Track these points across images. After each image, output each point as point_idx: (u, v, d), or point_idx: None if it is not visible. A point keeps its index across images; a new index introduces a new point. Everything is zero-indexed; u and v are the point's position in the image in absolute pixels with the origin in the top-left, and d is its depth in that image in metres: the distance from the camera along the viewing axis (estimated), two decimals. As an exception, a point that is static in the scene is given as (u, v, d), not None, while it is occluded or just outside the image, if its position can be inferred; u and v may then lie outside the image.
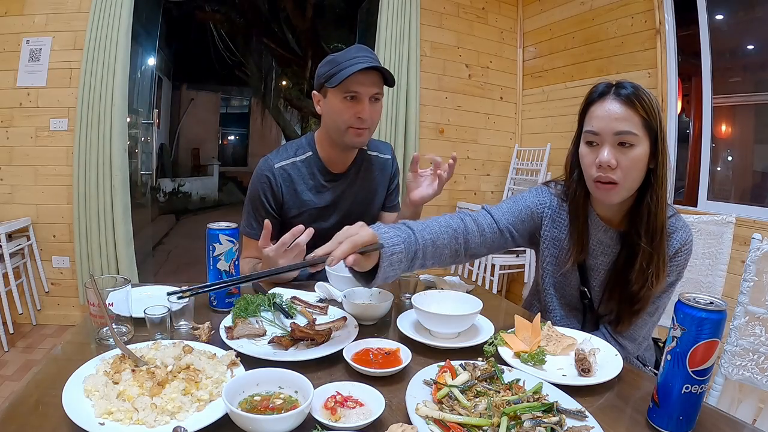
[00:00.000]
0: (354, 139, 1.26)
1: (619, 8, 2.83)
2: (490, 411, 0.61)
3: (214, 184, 8.57)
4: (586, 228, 1.03)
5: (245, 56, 7.52)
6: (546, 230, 1.09)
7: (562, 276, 1.10)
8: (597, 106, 0.94)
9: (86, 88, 2.59)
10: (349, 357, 0.75)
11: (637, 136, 0.90)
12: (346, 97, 1.21)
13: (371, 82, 1.21)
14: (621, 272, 1.00)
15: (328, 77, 1.21)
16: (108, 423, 0.57)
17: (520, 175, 3.50)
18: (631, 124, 0.89)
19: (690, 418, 0.63)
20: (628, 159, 0.90)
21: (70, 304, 2.88)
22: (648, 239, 0.94)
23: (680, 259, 1.00)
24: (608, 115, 0.91)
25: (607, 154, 0.90)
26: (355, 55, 1.20)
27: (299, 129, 8.66)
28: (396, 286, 1.13)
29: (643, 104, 0.90)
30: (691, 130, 2.63)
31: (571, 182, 1.04)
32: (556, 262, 1.10)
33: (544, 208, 1.09)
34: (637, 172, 0.92)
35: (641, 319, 1.03)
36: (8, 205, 2.71)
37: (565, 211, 1.07)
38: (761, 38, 2.35)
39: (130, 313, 0.84)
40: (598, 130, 0.92)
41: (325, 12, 6.43)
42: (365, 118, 1.22)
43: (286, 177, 1.31)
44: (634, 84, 0.93)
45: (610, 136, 0.91)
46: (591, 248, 1.04)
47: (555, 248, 1.09)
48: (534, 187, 1.14)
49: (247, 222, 1.34)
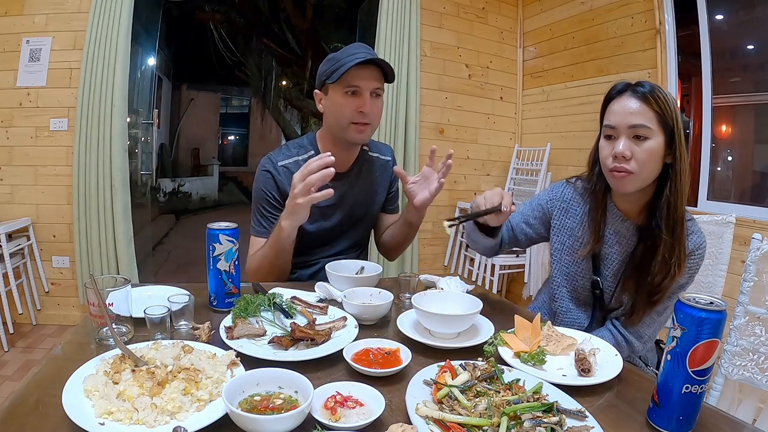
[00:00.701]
0: (356, 136, 1.25)
1: (619, 8, 2.83)
2: (490, 411, 0.61)
3: (214, 184, 8.58)
4: (604, 219, 1.09)
5: (245, 56, 7.53)
6: (556, 220, 1.17)
7: (574, 265, 1.14)
8: (615, 103, 1.00)
9: (86, 88, 2.59)
10: (349, 357, 0.75)
11: (651, 129, 0.95)
12: (347, 92, 1.22)
13: (371, 76, 1.22)
14: (639, 264, 1.03)
15: (329, 74, 1.22)
16: (108, 423, 0.57)
17: (520, 175, 3.50)
18: (645, 118, 0.95)
19: (690, 418, 0.63)
20: (642, 150, 0.96)
21: (70, 304, 2.88)
22: (669, 231, 0.98)
23: (692, 263, 1.02)
24: (624, 110, 0.97)
25: (623, 145, 0.96)
26: (355, 51, 1.21)
27: (299, 129, 8.66)
28: (396, 286, 1.13)
29: (658, 101, 0.95)
30: (691, 130, 2.63)
31: (592, 176, 1.10)
32: (569, 251, 1.15)
33: (555, 202, 1.18)
34: (651, 164, 0.97)
35: (650, 316, 1.05)
36: (8, 205, 2.71)
37: (578, 203, 1.14)
38: (761, 38, 2.35)
39: (130, 313, 0.84)
40: (615, 123, 0.99)
41: (325, 12, 6.43)
42: (366, 112, 1.22)
43: (288, 175, 1.30)
44: (652, 84, 0.98)
45: (625, 129, 0.97)
46: (607, 237, 1.09)
47: (567, 236, 1.16)
48: (551, 185, 1.23)
49: (256, 221, 1.33)
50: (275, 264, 1.25)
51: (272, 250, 1.22)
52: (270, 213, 1.31)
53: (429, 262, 3.51)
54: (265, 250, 1.24)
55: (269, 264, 1.25)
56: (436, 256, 3.56)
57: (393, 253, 1.50)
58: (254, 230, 1.33)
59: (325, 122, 1.33)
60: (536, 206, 1.21)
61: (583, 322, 1.15)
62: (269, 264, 1.25)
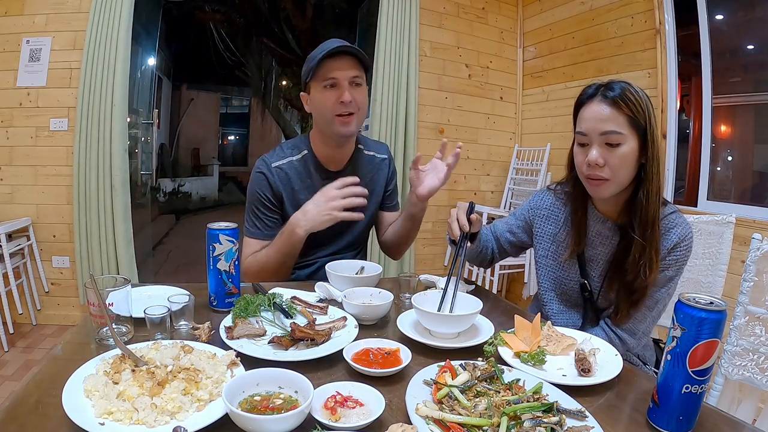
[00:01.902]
0: (341, 129, 1.26)
1: (619, 8, 2.83)
2: (490, 411, 0.61)
3: (214, 184, 8.57)
4: (585, 221, 1.10)
5: (245, 56, 7.52)
6: (538, 228, 1.19)
7: (561, 270, 1.15)
8: (585, 108, 1.00)
9: (86, 88, 2.59)
10: (349, 357, 0.75)
11: (623, 135, 0.94)
12: (326, 86, 1.23)
13: (346, 65, 1.23)
14: (619, 262, 1.04)
15: (306, 73, 1.24)
16: (108, 423, 0.57)
17: (520, 175, 3.50)
18: (616, 124, 0.94)
19: (690, 418, 0.63)
20: (616, 157, 0.95)
21: (70, 304, 2.88)
22: (640, 231, 0.98)
23: (679, 254, 1.02)
24: (594, 116, 0.96)
25: (595, 153, 0.96)
26: (327, 46, 1.22)
27: (299, 129, 8.66)
28: (396, 286, 1.13)
29: (629, 104, 0.94)
30: (691, 130, 2.63)
31: (570, 179, 1.11)
32: (553, 256, 1.16)
33: (536, 210, 1.20)
34: (625, 169, 0.96)
35: (640, 312, 1.05)
36: (8, 205, 2.71)
37: (559, 209, 1.16)
38: (761, 38, 2.35)
39: (130, 313, 0.84)
40: (586, 131, 0.98)
41: (325, 12, 6.43)
42: (346, 101, 1.22)
43: (283, 176, 1.31)
44: (623, 85, 0.96)
45: (596, 136, 0.96)
46: (590, 239, 1.10)
47: (549, 242, 1.17)
48: (533, 194, 1.26)
49: (250, 223, 1.33)
50: (281, 267, 1.27)
51: (279, 255, 1.24)
52: (264, 214, 1.31)
53: (429, 262, 3.51)
54: (271, 254, 1.25)
55: (275, 267, 1.26)
56: (436, 256, 3.56)
57: (396, 250, 1.50)
58: (249, 231, 1.33)
59: (314, 122, 1.34)
60: (519, 215, 1.25)
61: (576, 323, 1.16)
62: (275, 267, 1.26)
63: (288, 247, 1.23)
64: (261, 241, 1.31)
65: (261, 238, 1.31)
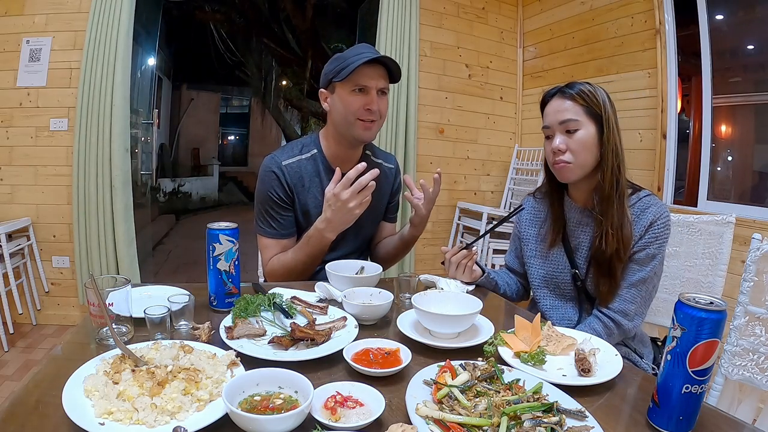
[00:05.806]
0: (362, 133, 1.26)
1: (619, 8, 2.83)
2: (490, 411, 0.61)
3: (214, 184, 8.58)
4: (562, 210, 1.20)
5: (245, 56, 7.53)
6: (524, 233, 1.28)
7: (550, 264, 1.21)
8: (548, 106, 1.13)
9: (86, 88, 2.59)
10: (349, 357, 0.75)
11: (579, 121, 1.07)
12: (355, 90, 1.23)
13: (378, 75, 1.24)
14: (598, 246, 1.11)
15: (336, 72, 1.23)
16: (108, 423, 0.57)
17: (520, 175, 3.50)
18: (573, 113, 1.07)
19: (690, 418, 0.63)
20: (574, 141, 1.08)
21: (70, 304, 2.88)
22: (600, 207, 1.09)
23: (657, 230, 1.07)
24: (555, 110, 1.10)
25: (557, 140, 1.09)
26: (362, 51, 1.23)
27: (299, 129, 8.67)
28: (396, 286, 1.13)
29: (584, 96, 1.07)
30: (691, 130, 2.63)
31: (547, 178, 1.22)
32: (540, 254, 1.24)
33: (521, 222, 1.30)
34: (585, 152, 1.08)
35: (628, 291, 1.09)
36: (8, 205, 2.71)
37: (540, 210, 1.26)
38: (761, 38, 2.35)
39: (130, 313, 0.84)
40: (549, 123, 1.12)
41: (325, 12, 6.43)
42: (374, 109, 1.24)
43: (293, 174, 1.31)
44: (582, 84, 1.09)
45: (557, 125, 1.09)
46: (571, 229, 1.18)
47: (534, 242, 1.26)
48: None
49: (266, 223, 1.32)
50: (308, 268, 1.29)
51: (308, 257, 1.26)
52: (279, 213, 1.31)
53: (429, 262, 3.51)
54: (299, 256, 1.27)
55: (302, 268, 1.28)
56: (436, 256, 3.56)
57: (385, 264, 1.48)
58: (266, 232, 1.32)
59: (330, 120, 1.33)
60: (513, 237, 1.35)
61: (572, 316, 1.19)
62: (302, 268, 1.28)
63: (317, 250, 1.26)
64: (280, 240, 1.31)
65: (279, 237, 1.31)
